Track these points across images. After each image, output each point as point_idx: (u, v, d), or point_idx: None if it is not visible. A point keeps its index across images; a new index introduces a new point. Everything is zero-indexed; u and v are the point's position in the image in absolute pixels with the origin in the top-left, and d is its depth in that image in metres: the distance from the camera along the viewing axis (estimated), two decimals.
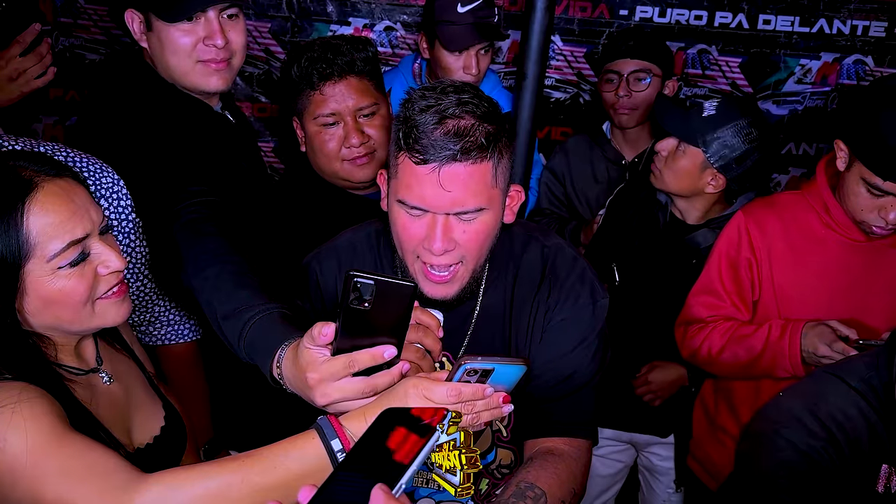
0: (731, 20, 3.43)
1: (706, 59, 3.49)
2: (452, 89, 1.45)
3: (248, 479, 1.14)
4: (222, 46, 1.83)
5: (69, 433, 1.21)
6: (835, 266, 2.03)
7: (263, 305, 1.37)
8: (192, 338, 1.95)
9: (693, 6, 3.40)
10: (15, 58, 1.90)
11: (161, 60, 1.86)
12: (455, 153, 1.39)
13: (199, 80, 1.86)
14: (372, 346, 1.18)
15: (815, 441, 1.38)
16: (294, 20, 3.40)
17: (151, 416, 1.48)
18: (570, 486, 1.53)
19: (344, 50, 2.01)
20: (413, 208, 1.45)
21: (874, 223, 1.93)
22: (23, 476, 1.15)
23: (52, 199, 1.25)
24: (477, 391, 1.18)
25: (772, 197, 2.21)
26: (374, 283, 1.14)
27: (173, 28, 1.81)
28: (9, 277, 1.23)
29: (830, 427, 1.40)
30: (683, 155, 2.25)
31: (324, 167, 2.10)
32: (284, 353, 1.28)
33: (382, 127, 2.07)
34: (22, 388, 1.21)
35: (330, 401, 1.19)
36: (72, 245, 1.26)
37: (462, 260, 1.49)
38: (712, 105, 2.23)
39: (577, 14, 3.45)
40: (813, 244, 2.05)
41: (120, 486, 1.15)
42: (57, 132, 3.41)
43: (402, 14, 3.47)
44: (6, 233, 1.21)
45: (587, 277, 1.63)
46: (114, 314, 1.35)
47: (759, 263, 2.08)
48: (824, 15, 3.41)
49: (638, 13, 3.42)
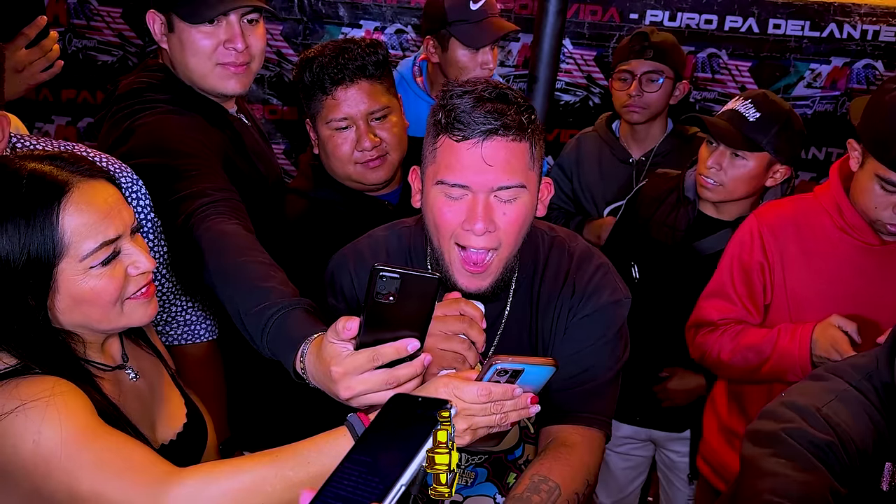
0: (742, 24, 3.44)
1: (716, 63, 3.50)
2: (484, 81, 1.49)
3: (281, 473, 1.15)
4: (242, 50, 1.85)
5: (102, 426, 1.22)
6: (848, 269, 2.03)
7: (286, 301, 1.38)
8: (209, 338, 1.96)
9: (703, 10, 3.41)
10: (20, 49, 1.90)
11: (180, 62, 1.88)
12: (496, 128, 1.41)
13: (217, 83, 1.88)
14: (395, 339, 1.19)
15: (819, 441, 1.39)
16: (306, 23, 3.42)
17: (175, 413, 1.49)
18: (584, 478, 1.53)
19: (355, 54, 2.02)
20: (454, 186, 1.44)
21: (889, 221, 1.93)
22: (57, 468, 1.16)
23: (86, 199, 1.27)
24: (506, 391, 1.19)
25: (784, 200, 2.21)
26: (399, 276, 1.15)
27: (194, 30, 1.83)
28: (43, 276, 1.24)
29: (834, 426, 1.40)
30: (745, 161, 2.26)
31: (337, 170, 2.11)
32: (308, 348, 1.29)
33: (394, 129, 2.09)
34: (55, 382, 1.22)
35: (354, 394, 1.20)
36: (105, 245, 1.27)
37: (498, 246, 1.50)
38: (750, 108, 2.26)
39: (587, 18, 3.47)
40: (826, 247, 2.05)
41: (155, 479, 1.16)
42: (69, 133, 3.43)
43: (413, 17, 3.49)
44: (41, 232, 1.23)
45: (610, 277, 1.65)
46: (141, 314, 1.36)
47: (771, 267, 2.08)
48: (834, 20, 3.42)
49: (648, 17, 3.43)
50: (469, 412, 1.19)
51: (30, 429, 1.17)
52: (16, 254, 1.22)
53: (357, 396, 1.21)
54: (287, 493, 1.16)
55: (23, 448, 1.17)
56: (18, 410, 1.17)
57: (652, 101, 2.74)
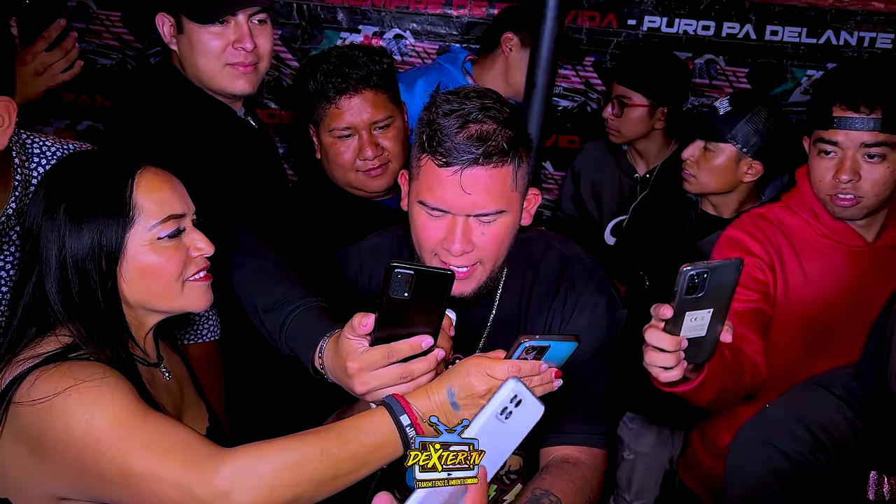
0: (739, 31, 3.46)
1: (713, 69, 3.52)
2: (476, 94, 1.49)
3: (326, 450, 1.19)
4: (251, 50, 1.87)
5: (151, 410, 1.26)
6: (841, 274, 2.03)
7: (303, 299, 1.41)
8: (211, 338, 1.97)
9: (701, 17, 3.43)
10: (41, 52, 1.92)
11: (190, 63, 1.89)
12: (477, 157, 1.42)
13: (226, 83, 1.89)
14: (409, 335, 1.23)
15: (803, 447, 1.40)
16: (304, 27, 3.42)
17: (199, 416, 1.52)
18: (586, 495, 1.54)
19: (360, 62, 2.03)
20: (433, 209, 1.47)
21: (832, 192, 1.91)
22: (108, 448, 1.19)
23: (156, 178, 1.37)
24: (534, 367, 1.24)
25: (755, 210, 2.13)
26: (413, 272, 1.19)
27: (204, 30, 1.84)
28: (116, 242, 1.32)
29: (818, 433, 1.41)
30: (714, 154, 2.32)
31: (338, 177, 2.13)
32: (326, 344, 1.32)
33: (397, 138, 2.10)
34: (105, 368, 1.27)
35: (369, 388, 1.24)
36: (171, 218, 1.35)
37: (480, 261, 1.51)
38: (724, 102, 2.33)
39: (585, 24, 3.48)
40: (813, 254, 2.02)
41: (204, 458, 1.20)
42: (68, 136, 3.41)
43: (412, 22, 3.49)
44: (116, 201, 1.31)
45: (605, 288, 1.65)
46: (198, 298, 1.41)
47: (772, 264, 2.03)
48: (831, 26, 3.45)
49: (646, 23, 3.45)
50: None
51: (83, 408, 1.20)
52: (95, 227, 1.30)
53: (372, 391, 1.24)
54: (331, 469, 1.19)
55: (75, 427, 1.20)
56: (72, 390, 1.21)
57: (624, 125, 2.77)
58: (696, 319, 1.28)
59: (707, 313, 1.29)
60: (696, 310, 1.27)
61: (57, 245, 1.29)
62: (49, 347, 1.28)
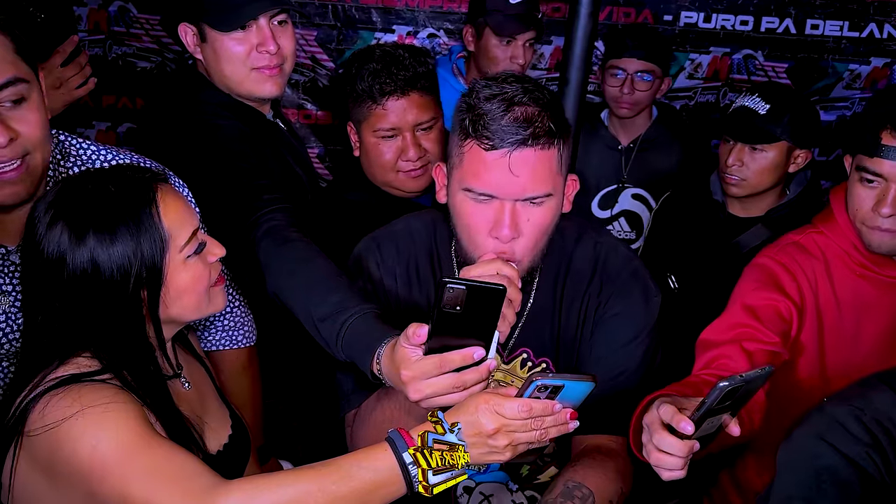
0: (778, 25, 3.39)
1: (752, 65, 3.46)
2: (514, 79, 1.48)
3: (324, 487, 1.18)
4: (275, 52, 1.87)
5: (156, 436, 1.26)
6: (877, 309, 1.85)
7: (358, 307, 1.43)
8: (246, 344, 1.97)
9: (739, 11, 3.38)
10: (56, 67, 1.97)
11: (216, 70, 1.91)
12: (526, 138, 1.41)
13: (254, 87, 1.91)
14: (462, 346, 1.24)
15: (858, 446, 1.35)
16: (340, 28, 3.44)
17: (221, 424, 1.52)
18: (618, 486, 1.52)
19: (407, 63, 2.03)
20: (481, 195, 1.46)
21: (873, 223, 1.76)
22: (112, 473, 1.20)
23: (170, 197, 1.35)
24: (546, 407, 1.21)
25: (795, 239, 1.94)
26: (465, 288, 1.20)
27: (227, 38, 1.86)
28: (156, 271, 1.32)
29: (875, 432, 1.36)
30: (764, 153, 2.30)
31: (378, 176, 2.13)
32: (383, 351, 1.33)
33: (438, 140, 2.10)
34: (115, 392, 1.27)
35: (422, 396, 1.25)
36: (193, 235, 1.36)
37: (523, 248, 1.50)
38: (757, 101, 2.31)
39: (620, 20, 3.45)
40: (852, 287, 1.86)
41: (204, 489, 1.19)
42: (109, 137, 3.49)
43: (445, 21, 3.50)
44: (149, 230, 1.30)
45: (640, 274, 1.63)
46: (221, 301, 1.43)
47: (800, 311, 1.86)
48: (874, 19, 3.37)
49: (683, 18, 3.40)
50: (510, 428, 1.21)
51: (88, 433, 1.21)
52: (132, 257, 1.29)
53: (426, 398, 1.26)
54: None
55: (81, 452, 1.21)
56: (79, 415, 1.22)
57: (641, 98, 2.89)
58: (713, 422, 1.24)
59: (726, 415, 1.24)
60: (717, 415, 1.23)
61: (90, 269, 1.28)
62: (68, 372, 1.28)
